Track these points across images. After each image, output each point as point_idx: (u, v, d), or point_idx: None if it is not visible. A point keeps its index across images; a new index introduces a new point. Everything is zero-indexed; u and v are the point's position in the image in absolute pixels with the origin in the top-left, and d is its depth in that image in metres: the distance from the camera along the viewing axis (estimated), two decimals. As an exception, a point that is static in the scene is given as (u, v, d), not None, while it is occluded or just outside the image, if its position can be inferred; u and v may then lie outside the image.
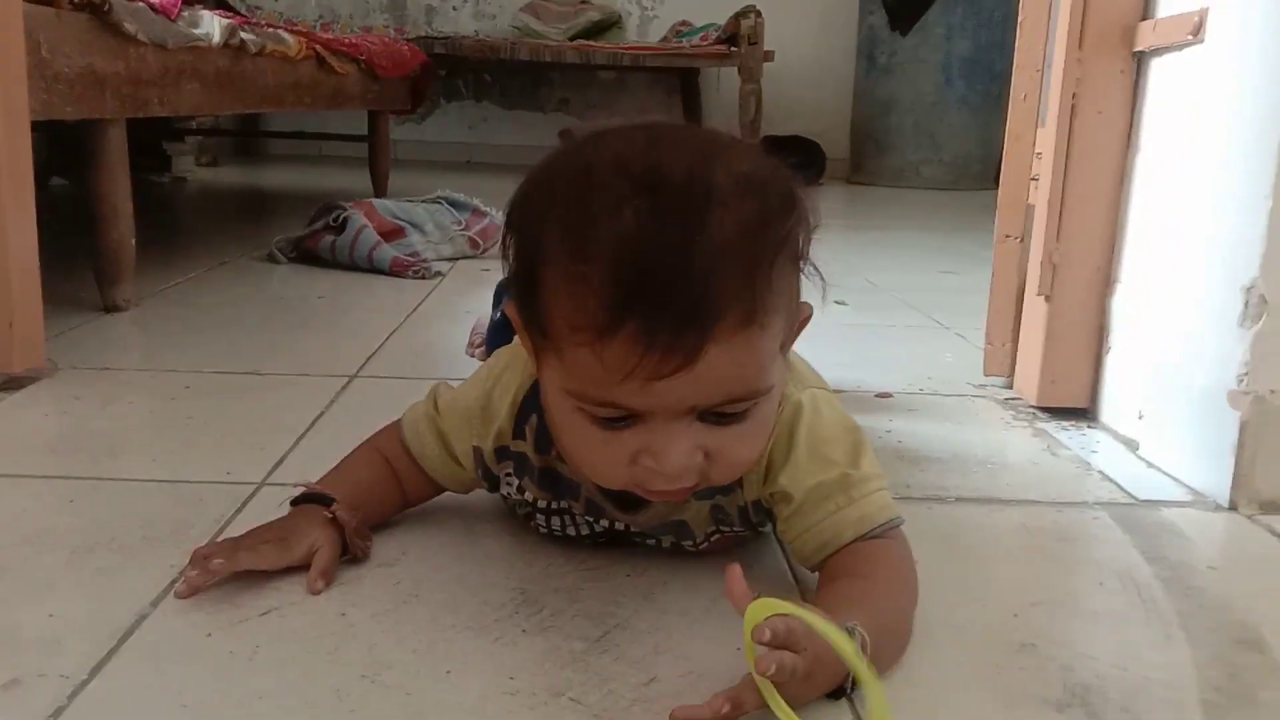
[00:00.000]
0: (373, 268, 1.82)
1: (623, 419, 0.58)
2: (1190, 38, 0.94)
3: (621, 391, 0.56)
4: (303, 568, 0.69)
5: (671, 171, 0.55)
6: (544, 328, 0.59)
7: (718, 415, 0.59)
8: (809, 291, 0.64)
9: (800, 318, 0.64)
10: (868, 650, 0.56)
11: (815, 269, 0.62)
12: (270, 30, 1.93)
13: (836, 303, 1.54)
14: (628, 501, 0.69)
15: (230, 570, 0.66)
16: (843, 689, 0.56)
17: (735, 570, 0.54)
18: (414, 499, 0.79)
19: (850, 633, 0.55)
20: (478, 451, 0.73)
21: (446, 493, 0.80)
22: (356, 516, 0.72)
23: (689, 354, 0.54)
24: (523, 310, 0.61)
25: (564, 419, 0.62)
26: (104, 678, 0.58)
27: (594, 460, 0.62)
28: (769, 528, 0.73)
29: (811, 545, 0.67)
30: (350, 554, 0.71)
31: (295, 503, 0.73)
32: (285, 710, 0.55)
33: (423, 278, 1.80)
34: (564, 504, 0.73)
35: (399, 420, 0.78)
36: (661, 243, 0.54)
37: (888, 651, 0.60)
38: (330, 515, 0.71)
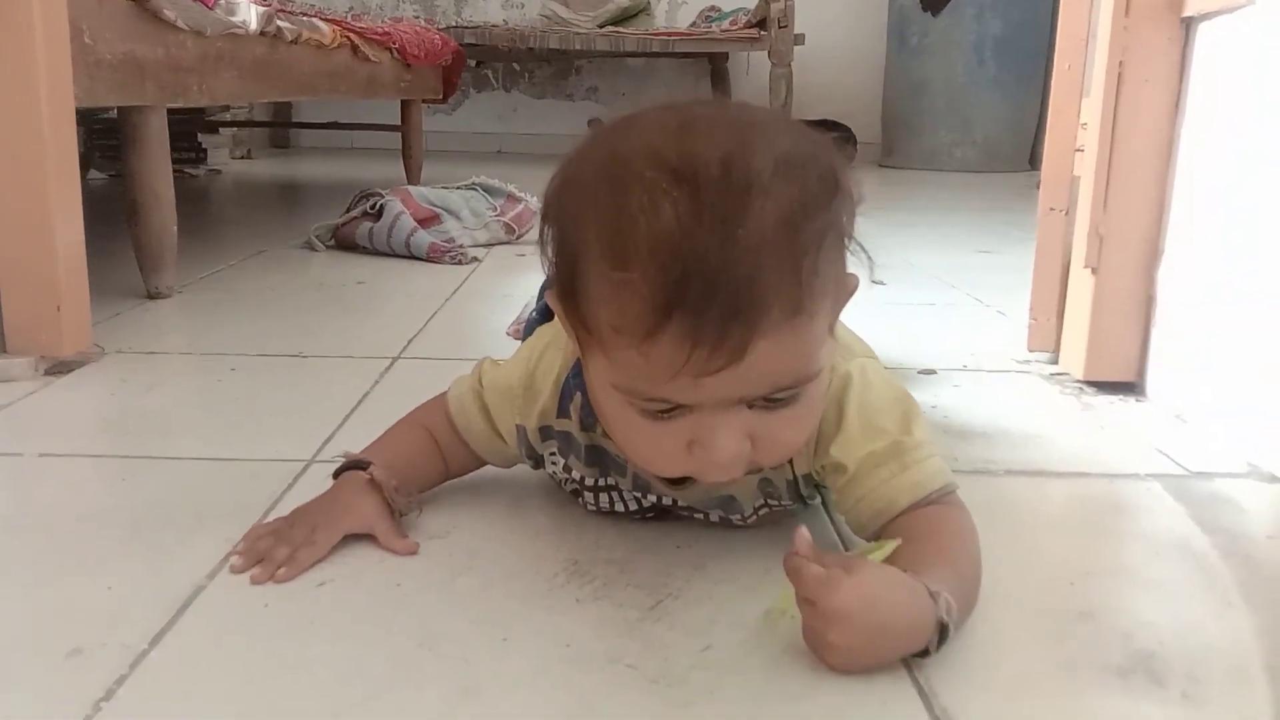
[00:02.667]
0: (410, 254, 1.83)
1: (673, 409, 0.58)
2: (1241, 0, 0.93)
3: (670, 388, 0.56)
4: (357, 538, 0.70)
5: (708, 160, 0.53)
6: (588, 326, 0.58)
7: (766, 401, 0.58)
8: (854, 265, 0.63)
9: (846, 290, 0.63)
10: (953, 615, 0.56)
11: (861, 246, 0.61)
12: (305, 19, 1.94)
13: (875, 282, 1.53)
14: (675, 478, 0.69)
15: (297, 576, 0.66)
16: (926, 649, 0.56)
17: (803, 534, 0.55)
18: (455, 471, 0.79)
19: (934, 598, 0.55)
20: (521, 430, 0.74)
21: (492, 468, 0.80)
22: (395, 477, 0.72)
23: (736, 351, 0.53)
24: (566, 305, 0.60)
25: (612, 411, 0.62)
26: (164, 647, 0.58)
27: (646, 452, 0.62)
28: (817, 500, 0.73)
29: (867, 513, 0.66)
30: (396, 513, 0.72)
31: (336, 474, 0.74)
32: (342, 678, 0.55)
33: (459, 263, 1.80)
34: (611, 480, 0.73)
35: (444, 394, 0.78)
36: (703, 240, 0.52)
37: (962, 610, 0.59)
38: (369, 477, 0.72)
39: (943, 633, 0.56)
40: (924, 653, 0.56)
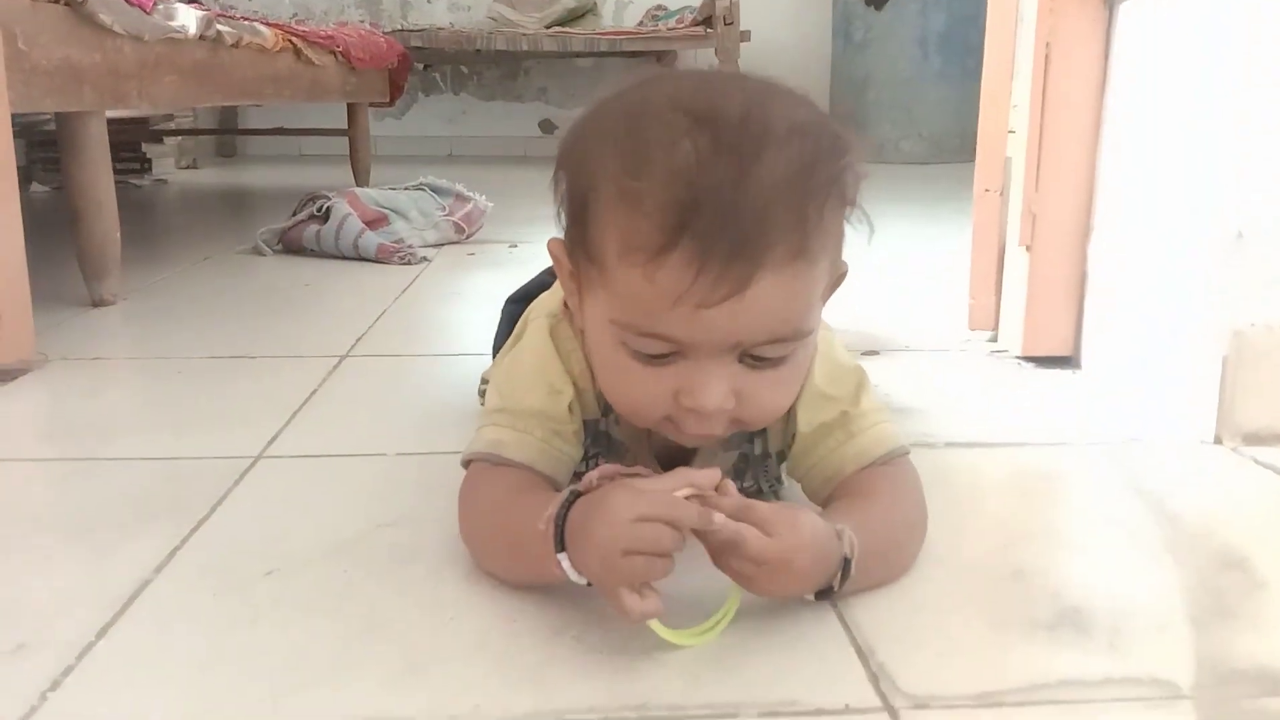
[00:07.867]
0: (358, 255, 1.82)
1: (665, 355, 0.59)
2: (1157, -19, 0.96)
3: (670, 320, 0.56)
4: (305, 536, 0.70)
5: (727, 110, 0.56)
6: (594, 254, 0.59)
7: (755, 359, 0.59)
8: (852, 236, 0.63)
9: (838, 273, 0.64)
10: (855, 553, 0.58)
11: (864, 213, 0.62)
12: (246, 23, 1.92)
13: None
14: (671, 460, 0.69)
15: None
16: (830, 588, 0.58)
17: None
18: None
19: (839, 535, 0.58)
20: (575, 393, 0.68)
21: (439, 456, 0.80)
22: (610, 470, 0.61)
23: (740, 281, 0.55)
24: (572, 242, 0.62)
25: (606, 354, 0.62)
26: (110, 640, 0.58)
27: (633, 396, 0.62)
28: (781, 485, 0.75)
29: (818, 480, 0.69)
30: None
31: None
32: (289, 664, 0.56)
33: (409, 263, 1.80)
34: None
35: (471, 475, 0.69)
36: (718, 174, 0.54)
37: (875, 564, 0.61)
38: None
39: (845, 568, 0.58)
40: (826, 592, 0.58)
